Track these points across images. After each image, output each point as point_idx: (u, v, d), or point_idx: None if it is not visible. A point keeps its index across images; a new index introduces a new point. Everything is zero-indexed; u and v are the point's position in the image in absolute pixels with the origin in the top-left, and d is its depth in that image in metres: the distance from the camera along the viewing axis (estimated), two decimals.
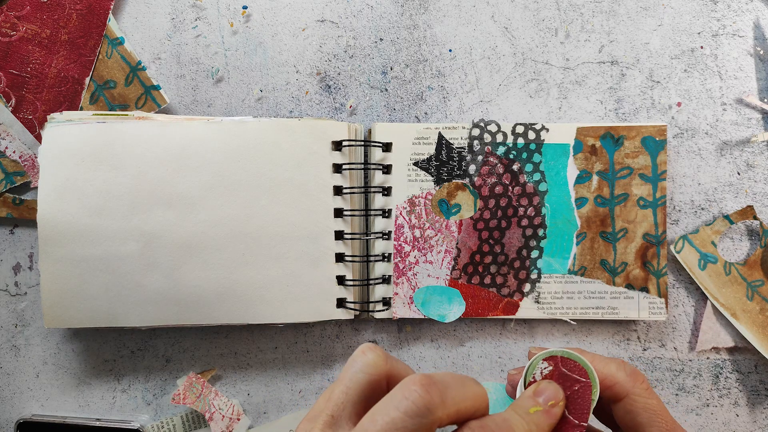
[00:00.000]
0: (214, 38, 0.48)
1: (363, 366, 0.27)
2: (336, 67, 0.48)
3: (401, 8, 0.48)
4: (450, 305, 0.45)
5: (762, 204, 0.47)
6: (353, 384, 0.26)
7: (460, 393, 0.25)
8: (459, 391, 0.25)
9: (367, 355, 0.27)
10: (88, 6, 0.46)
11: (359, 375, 0.26)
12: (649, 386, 0.33)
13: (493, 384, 0.48)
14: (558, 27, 0.48)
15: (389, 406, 0.24)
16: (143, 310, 0.43)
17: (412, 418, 0.23)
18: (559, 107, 0.48)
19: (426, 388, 0.24)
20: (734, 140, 0.47)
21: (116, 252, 0.42)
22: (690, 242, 0.46)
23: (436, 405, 0.24)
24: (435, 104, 0.48)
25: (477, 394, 0.26)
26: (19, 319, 0.48)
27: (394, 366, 0.28)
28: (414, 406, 0.23)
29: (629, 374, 0.33)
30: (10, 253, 0.48)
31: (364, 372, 0.27)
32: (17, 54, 0.45)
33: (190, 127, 0.43)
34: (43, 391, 0.48)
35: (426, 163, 0.45)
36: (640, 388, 0.33)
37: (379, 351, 0.27)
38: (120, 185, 0.43)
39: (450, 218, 0.45)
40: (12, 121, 0.46)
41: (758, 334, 0.46)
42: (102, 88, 0.46)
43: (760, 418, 0.48)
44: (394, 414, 0.23)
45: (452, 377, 0.26)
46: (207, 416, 0.46)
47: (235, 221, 0.43)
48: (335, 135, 0.44)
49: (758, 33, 0.48)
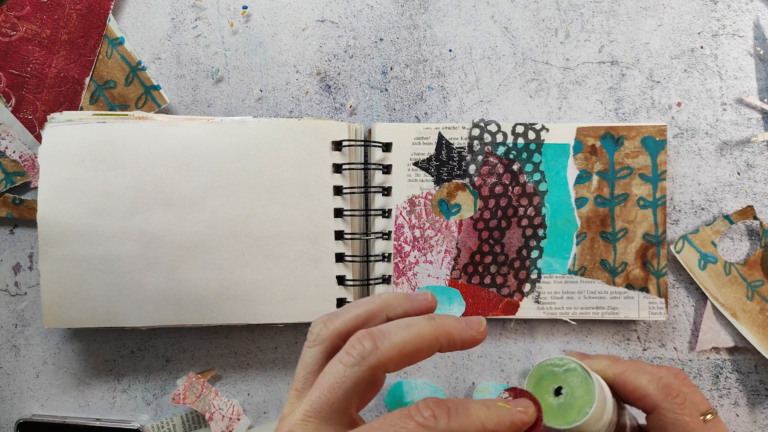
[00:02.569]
0: (214, 38, 0.48)
1: (313, 338, 0.29)
2: (336, 67, 0.48)
3: (401, 8, 0.48)
4: (450, 305, 0.45)
5: (762, 204, 0.47)
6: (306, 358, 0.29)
7: (400, 336, 0.27)
8: (398, 335, 0.27)
9: (313, 330, 0.30)
10: (88, 6, 0.46)
11: (312, 349, 0.29)
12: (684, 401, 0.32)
13: (493, 384, 0.48)
14: (558, 27, 0.48)
15: (334, 362, 0.27)
16: (143, 310, 0.43)
17: (351, 367, 0.26)
18: (559, 107, 0.48)
19: (360, 339, 0.27)
20: (734, 140, 0.47)
21: (116, 252, 0.42)
22: (690, 242, 0.46)
23: (369, 352, 0.27)
24: (435, 104, 0.48)
25: (419, 334, 0.28)
26: (19, 319, 0.48)
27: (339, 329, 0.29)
28: (349, 357, 0.27)
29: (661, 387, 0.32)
30: (10, 253, 0.48)
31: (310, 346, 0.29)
32: (17, 54, 0.45)
33: (190, 127, 0.43)
34: (43, 391, 0.48)
35: (426, 163, 0.45)
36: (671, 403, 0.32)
37: (323, 322, 0.30)
38: (120, 185, 0.43)
39: (450, 218, 0.45)
40: (12, 121, 0.46)
41: (758, 334, 0.46)
42: (102, 88, 0.46)
43: (760, 418, 0.48)
44: (336, 367, 0.27)
45: (396, 324, 0.28)
46: (207, 416, 0.46)
47: (235, 221, 0.43)
48: (335, 135, 0.44)
49: (758, 33, 0.48)
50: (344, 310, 0.30)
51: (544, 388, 0.31)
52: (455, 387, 0.48)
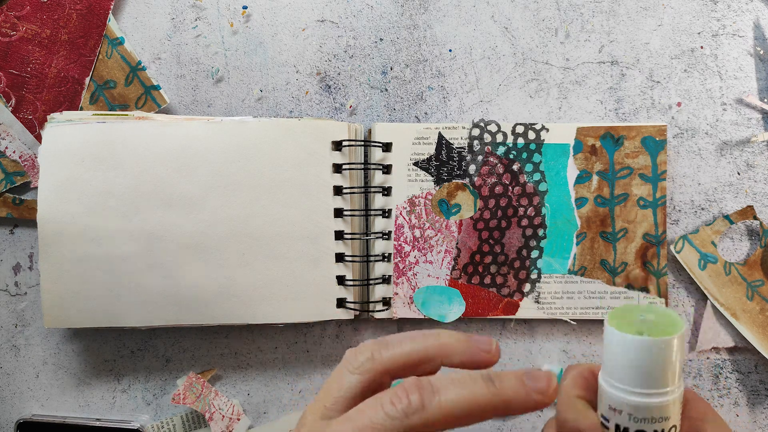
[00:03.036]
0: (214, 38, 0.48)
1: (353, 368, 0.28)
2: (336, 67, 0.48)
3: (401, 8, 0.48)
4: (450, 305, 0.45)
5: (762, 204, 0.47)
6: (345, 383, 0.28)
7: (450, 398, 0.26)
8: (449, 395, 0.26)
9: (359, 357, 0.28)
10: (88, 6, 0.46)
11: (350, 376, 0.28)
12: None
13: None
14: (558, 27, 0.48)
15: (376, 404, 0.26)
16: (143, 310, 0.43)
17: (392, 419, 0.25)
18: (559, 107, 0.48)
19: (408, 391, 0.26)
20: (734, 140, 0.47)
21: (116, 252, 0.42)
22: (690, 242, 0.46)
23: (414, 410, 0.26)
24: (435, 104, 0.48)
25: (473, 400, 0.26)
26: (19, 319, 0.48)
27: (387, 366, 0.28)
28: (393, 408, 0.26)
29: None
30: (10, 253, 0.48)
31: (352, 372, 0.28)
32: (17, 54, 0.45)
33: (190, 127, 0.43)
34: (43, 391, 0.48)
35: (426, 163, 0.45)
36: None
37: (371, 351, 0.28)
38: (120, 185, 0.43)
39: (450, 218, 0.45)
40: (12, 121, 0.46)
41: (758, 334, 0.46)
42: (102, 88, 0.46)
43: (760, 418, 0.48)
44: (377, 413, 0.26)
45: (450, 381, 0.26)
46: (207, 416, 0.46)
47: (235, 221, 0.43)
48: (335, 135, 0.44)
49: (758, 33, 0.48)
50: (397, 342, 0.28)
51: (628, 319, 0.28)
52: None
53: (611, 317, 0.27)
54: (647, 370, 0.27)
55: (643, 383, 0.27)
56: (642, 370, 0.27)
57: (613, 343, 0.27)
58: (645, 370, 0.27)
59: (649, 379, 0.27)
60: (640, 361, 0.27)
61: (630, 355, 0.27)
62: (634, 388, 0.27)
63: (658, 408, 0.27)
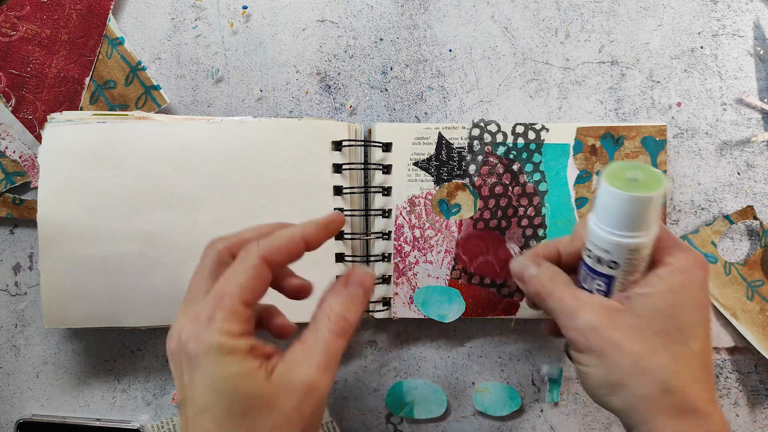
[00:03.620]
0: (214, 38, 0.48)
1: (204, 254, 0.34)
2: (336, 67, 0.48)
3: (401, 8, 0.48)
4: (450, 305, 0.45)
5: (762, 204, 0.47)
6: (198, 270, 0.33)
7: (245, 232, 0.34)
8: (246, 232, 0.34)
9: (208, 247, 0.34)
10: (88, 6, 0.46)
11: (204, 261, 0.33)
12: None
13: (493, 384, 0.48)
14: (558, 27, 0.48)
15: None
16: (143, 310, 0.43)
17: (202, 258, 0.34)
18: (559, 107, 0.48)
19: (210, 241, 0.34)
20: (734, 140, 0.47)
21: (116, 252, 0.42)
22: (690, 242, 0.46)
23: (215, 241, 0.34)
24: (435, 104, 0.48)
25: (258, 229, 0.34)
26: (19, 319, 0.48)
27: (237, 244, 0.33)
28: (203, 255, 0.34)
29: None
30: (10, 253, 0.48)
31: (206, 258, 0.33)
32: (17, 54, 0.45)
33: (190, 127, 0.43)
34: (43, 391, 0.48)
35: (426, 163, 0.45)
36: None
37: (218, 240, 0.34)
38: (120, 185, 0.43)
39: (450, 218, 0.45)
40: (12, 121, 0.46)
41: (758, 334, 0.46)
42: (102, 88, 0.46)
43: (760, 418, 0.48)
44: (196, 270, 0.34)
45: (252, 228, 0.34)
46: None
47: (235, 221, 0.43)
48: (335, 135, 0.44)
49: (758, 33, 0.48)
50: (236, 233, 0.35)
51: (620, 175, 0.33)
52: (455, 387, 0.48)
53: (606, 174, 0.32)
54: (630, 219, 0.32)
55: (624, 228, 0.33)
56: (626, 218, 0.32)
57: (604, 195, 0.33)
58: (628, 218, 0.32)
59: (630, 226, 0.32)
60: (625, 211, 0.32)
61: (617, 206, 0.32)
62: (615, 231, 0.33)
63: (635, 246, 0.33)
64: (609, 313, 0.34)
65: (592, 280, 0.36)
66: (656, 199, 0.32)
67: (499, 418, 0.48)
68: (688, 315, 0.33)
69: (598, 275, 0.35)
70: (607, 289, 0.35)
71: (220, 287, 0.31)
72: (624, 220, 0.33)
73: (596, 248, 0.34)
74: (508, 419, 0.48)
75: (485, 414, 0.48)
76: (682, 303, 0.33)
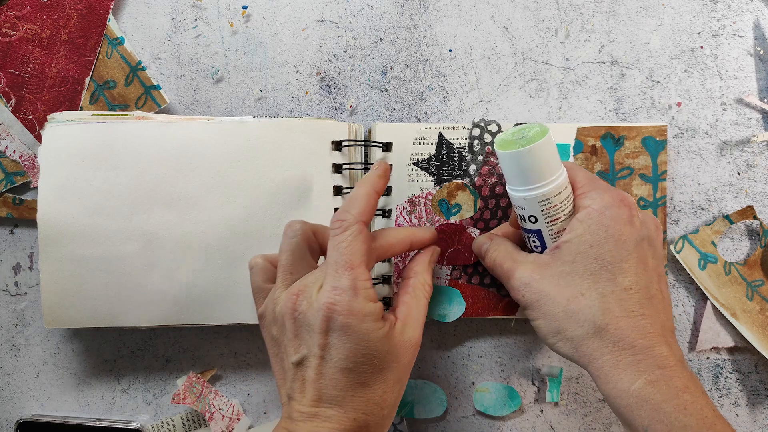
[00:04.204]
0: (214, 38, 0.48)
1: (293, 232, 0.37)
2: (336, 67, 0.48)
3: (401, 8, 0.48)
4: (450, 305, 0.45)
5: (762, 204, 0.47)
6: (291, 247, 0.37)
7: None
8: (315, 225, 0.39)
9: (293, 225, 0.37)
10: (88, 6, 0.46)
11: (293, 239, 0.37)
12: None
13: (493, 384, 0.48)
14: (558, 27, 0.48)
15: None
16: (143, 310, 0.43)
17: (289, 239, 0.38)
18: (559, 107, 0.48)
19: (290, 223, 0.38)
20: (734, 140, 0.47)
21: (116, 252, 0.42)
22: (690, 242, 0.47)
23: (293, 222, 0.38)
24: (435, 104, 0.48)
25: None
26: (19, 319, 0.48)
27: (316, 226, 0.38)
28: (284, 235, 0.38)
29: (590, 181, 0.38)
30: (10, 253, 0.48)
31: (295, 236, 0.37)
32: (17, 54, 0.45)
33: (190, 127, 0.43)
34: (43, 391, 0.48)
35: (426, 163, 0.45)
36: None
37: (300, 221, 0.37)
38: (120, 185, 0.43)
39: (450, 218, 0.45)
40: (12, 121, 0.46)
41: (758, 334, 0.46)
42: (102, 88, 0.46)
43: (760, 418, 0.48)
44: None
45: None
46: (207, 416, 0.46)
47: (235, 221, 0.43)
48: (335, 135, 0.44)
49: (758, 33, 0.48)
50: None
51: (509, 140, 0.36)
52: (455, 387, 0.48)
53: (497, 143, 0.36)
54: (524, 172, 0.36)
55: (524, 183, 0.36)
56: (521, 174, 0.36)
57: (503, 161, 0.37)
58: (522, 173, 0.36)
59: (528, 179, 0.36)
60: (517, 168, 0.36)
61: (510, 165, 0.36)
62: (518, 187, 0.37)
63: (540, 196, 0.36)
64: (539, 267, 0.37)
65: (527, 239, 0.40)
66: (537, 149, 0.35)
67: (499, 418, 0.48)
68: (610, 252, 0.35)
69: (529, 232, 0.39)
70: (541, 244, 0.39)
71: (344, 258, 0.34)
72: (520, 175, 0.36)
73: (518, 208, 0.38)
74: (508, 419, 0.48)
75: (485, 414, 0.48)
76: (602, 241, 0.35)
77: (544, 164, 0.35)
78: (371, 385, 0.34)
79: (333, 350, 0.33)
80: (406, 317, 0.37)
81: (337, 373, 0.33)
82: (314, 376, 0.33)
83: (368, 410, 0.33)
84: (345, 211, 0.35)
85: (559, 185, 0.36)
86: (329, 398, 0.33)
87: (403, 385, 0.36)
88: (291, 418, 0.33)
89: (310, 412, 0.33)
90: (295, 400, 0.34)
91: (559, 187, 0.36)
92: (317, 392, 0.33)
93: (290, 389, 0.34)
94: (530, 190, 0.36)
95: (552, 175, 0.36)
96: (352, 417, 0.33)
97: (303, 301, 0.34)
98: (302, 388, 0.34)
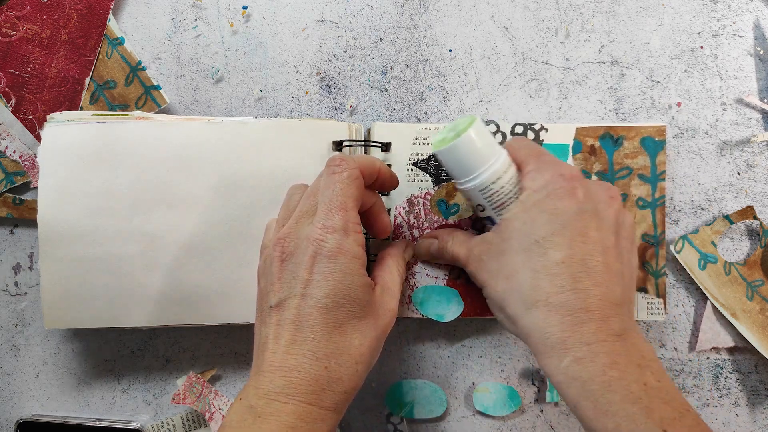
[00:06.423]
0: (214, 38, 0.48)
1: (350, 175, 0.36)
2: (336, 67, 0.48)
3: (401, 8, 0.48)
4: (449, 305, 0.45)
5: (762, 204, 0.47)
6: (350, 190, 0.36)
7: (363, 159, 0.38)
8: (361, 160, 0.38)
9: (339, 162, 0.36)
10: (88, 6, 0.46)
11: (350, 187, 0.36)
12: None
13: (493, 384, 0.48)
14: (558, 27, 0.48)
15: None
16: (143, 310, 0.43)
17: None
18: (559, 107, 0.48)
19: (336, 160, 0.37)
20: (734, 140, 0.47)
21: (117, 252, 0.43)
22: (690, 242, 0.46)
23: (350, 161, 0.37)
24: (435, 104, 0.48)
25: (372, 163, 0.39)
26: (19, 319, 0.48)
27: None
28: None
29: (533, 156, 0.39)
30: (10, 253, 0.48)
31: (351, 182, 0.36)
32: (17, 54, 0.45)
33: (190, 127, 0.43)
34: (43, 391, 0.48)
35: (425, 163, 0.45)
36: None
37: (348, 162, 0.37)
38: (120, 185, 0.43)
39: (449, 218, 0.45)
40: (12, 121, 0.46)
41: (758, 334, 0.46)
42: (102, 88, 0.46)
43: (760, 418, 0.48)
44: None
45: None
46: (207, 416, 0.46)
47: (236, 221, 0.43)
48: (335, 135, 0.44)
49: (758, 33, 0.48)
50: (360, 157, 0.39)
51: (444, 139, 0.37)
52: (455, 387, 0.48)
53: (433, 143, 0.37)
54: (458, 166, 0.37)
55: (462, 175, 0.37)
56: (457, 167, 0.37)
57: (442, 159, 0.37)
58: (458, 166, 0.37)
59: (464, 171, 0.37)
60: (452, 162, 0.37)
61: (446, 161, 0.37)
62: (459, 180, 0.37)
63: (479, 185, 0.37)
64: (486, 247, 0.38)
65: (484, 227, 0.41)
66: (464, 141, 0.35)
67: (499, 418, 0.48)
68: (541, 226, 0.35)
69: (485, 221, 0.39)
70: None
71: (338, 198, 0.34)
72: (456, 169, 0.37)
73: (469, 200, 0.39)
74: (508, 419, 0.48)
75: (485, 414, 0.48)
76: (534, 217, 0.35)
77: (475, 154, 0.36)
78: (348, 332, 0.33)
79: (315, 287, 0.33)
80: (384, 285, 0.37)
81: (316, 312, 0.33)
82: (291, 316, 0.33)
83: (342, 361, 0.33)
84: (348, 157, 0.36)
85: (495, 171, 0.36)
86: (303, 341, 0.32)
87: (379, 346, 0.36)
88: (261, 370, 0.33)
89: (282, 360, 0.32)
90: (268, 350, 0.33)
91: (497, 173, 0.36)
92: (292, 335, 0.33)
93: (265, 337, 0.34)
94: (468, 181, 0.37)
95: (486, 164, 0.36)
96: (323, 365, 0.32)
97: (290, 243, 0.34)
98: (277, 334, 0.33)
